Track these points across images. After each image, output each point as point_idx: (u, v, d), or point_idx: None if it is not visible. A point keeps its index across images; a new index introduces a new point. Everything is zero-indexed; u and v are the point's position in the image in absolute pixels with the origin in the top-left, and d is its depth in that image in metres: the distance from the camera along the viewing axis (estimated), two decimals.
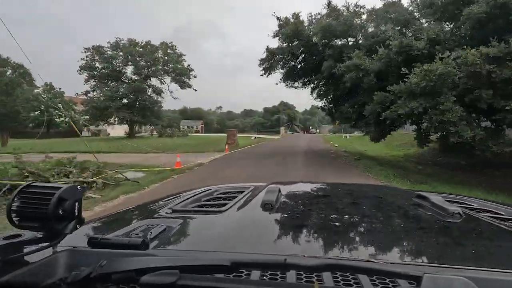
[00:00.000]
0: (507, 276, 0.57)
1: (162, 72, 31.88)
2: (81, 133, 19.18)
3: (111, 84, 30.18)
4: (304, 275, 0.58)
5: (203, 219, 0.97)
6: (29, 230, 0.61)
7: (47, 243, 0.61)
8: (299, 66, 16.38)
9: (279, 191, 1.18)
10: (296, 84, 17.63)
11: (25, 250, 0.59)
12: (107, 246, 0.64)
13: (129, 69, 31.26)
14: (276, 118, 71.50)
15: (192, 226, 0.93)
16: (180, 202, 1.16)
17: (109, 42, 30.22)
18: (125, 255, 0.59)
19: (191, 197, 1.26)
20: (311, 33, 14.70)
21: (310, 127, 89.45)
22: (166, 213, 1.02)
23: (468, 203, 1.22)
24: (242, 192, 1.29)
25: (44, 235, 0.61)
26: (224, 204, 1.07)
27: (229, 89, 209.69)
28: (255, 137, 35.56)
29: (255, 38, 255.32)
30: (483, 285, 0.50)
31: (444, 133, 8.67)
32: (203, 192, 1.37)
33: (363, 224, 0.94)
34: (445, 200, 1.09)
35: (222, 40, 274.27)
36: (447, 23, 11.38)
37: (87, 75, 29.42)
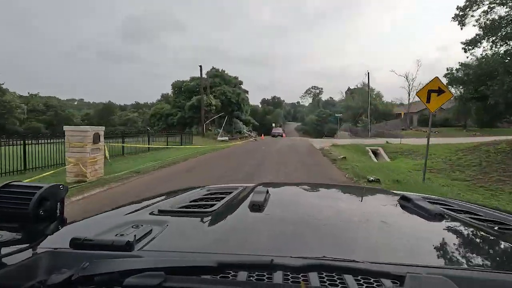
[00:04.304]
0: (485, 275, 0.60)
1: None
2: None
3: None
4: (291, 275, 0.59)
5: (190, 220, 0.96)
6: (8, 231, 0.59)
7: (26, 245, 0.58)
8: None
9: (267, 192, 1.18)
10: None
11: (2, 252, 0.57)
12: (90, 247, 0.62)
13: None
14: (192, 105, 28.98)
15: (179, 226, 0.91)
16: (167, 202, 1.14)
17: None
18: (109, 256, 0.58)
19: (178, 197, 1.26)
20: None
21: (273, 125, 49.35)
22: (153, 213, 1.00)
23: (449, 204, 1.25)
24: (230, 192, 1.29)
25: (24, 236, 0.58)
26: (212, 205, 1.07)
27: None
28: None
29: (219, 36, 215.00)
30: (462, 284, 0.52)
31: None
32: (190, 192, 1.36)
33: (349, 225, 0.95)
34: (428, 201, 1.11)
35: (181, 33, 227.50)
36: None
37: None
